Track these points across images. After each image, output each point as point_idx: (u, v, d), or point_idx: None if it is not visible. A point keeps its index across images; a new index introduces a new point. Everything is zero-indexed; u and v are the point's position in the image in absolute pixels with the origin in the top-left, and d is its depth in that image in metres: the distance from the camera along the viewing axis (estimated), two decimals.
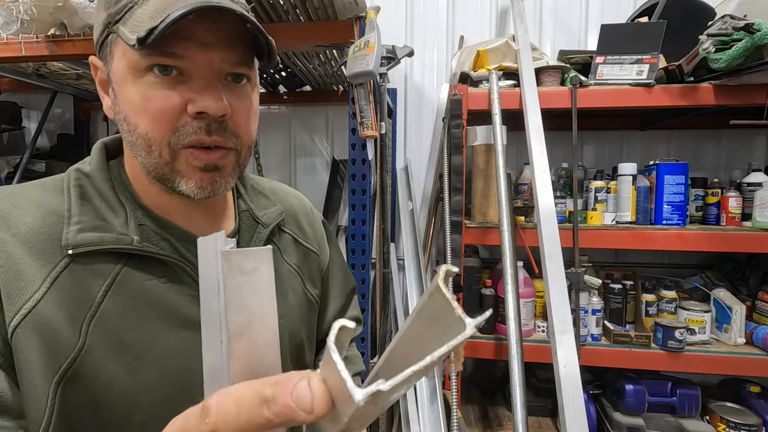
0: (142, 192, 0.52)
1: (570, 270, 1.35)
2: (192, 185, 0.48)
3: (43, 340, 0.42)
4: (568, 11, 1.91)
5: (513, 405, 1.12)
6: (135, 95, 0.45)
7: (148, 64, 0.44)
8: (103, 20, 0.47)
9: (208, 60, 0.45)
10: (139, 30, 0.42)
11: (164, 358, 0.47)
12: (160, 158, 0.47)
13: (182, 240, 0.52)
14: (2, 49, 1.37)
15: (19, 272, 0.43)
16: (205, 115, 0.46)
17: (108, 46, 0.47)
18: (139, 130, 0.46)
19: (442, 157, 1.57)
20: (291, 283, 0.64)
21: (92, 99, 2.19)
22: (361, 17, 1.23)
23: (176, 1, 0.43)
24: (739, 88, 1.31)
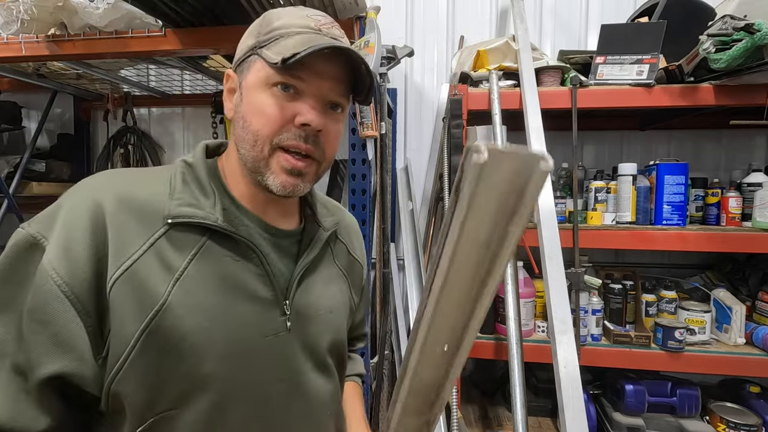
0: (232, 184, 0.63)
1: (570, 270, 1.35)
2: (278, 182, 0.59)
3: (135, 293, 0.52)
4: (568, 11, 1.91)
5: (513, 405, 1.12)
6: (259, 101, 0.58)
7: (277, 80, 0.57)
8: (250, 45, 0.60)
9: (320, 87, 0.59)
10: (284, 53, 0.54)
11: (230, 324, 0.57)
12: (260, 152, 0.58)
13: (257, 226, 0.62)
14: (2, 49, 1.37)
15: (126, 236, 0.53)
16: (306, 127, 0.58)
17: (247, 64, 0.60)
18: (252, 127, 0.58)
19: (442, 157, 1.57)
20: (339, 284, 0.73)
21: (92, 99, 2.19)
22: (361, 17, 1.23)
23: (314, 40, 0.57)
24: (739, 88, 1.31)
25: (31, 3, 1.26)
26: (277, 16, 0.60)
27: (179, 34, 1.30)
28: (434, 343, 0.30)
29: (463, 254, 0.26)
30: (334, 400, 0.71)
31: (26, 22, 1.29)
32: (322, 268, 0.70)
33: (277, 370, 0.61)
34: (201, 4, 1.20)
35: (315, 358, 0.66)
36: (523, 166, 0.22)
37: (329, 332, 0.68)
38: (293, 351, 0.63)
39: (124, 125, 2.19)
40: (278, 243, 0.65)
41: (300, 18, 0.60)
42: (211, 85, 2.06)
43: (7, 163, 2.01)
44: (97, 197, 0.55)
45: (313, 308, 0.66)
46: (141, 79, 2.01)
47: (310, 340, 0.65)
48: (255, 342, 0.59)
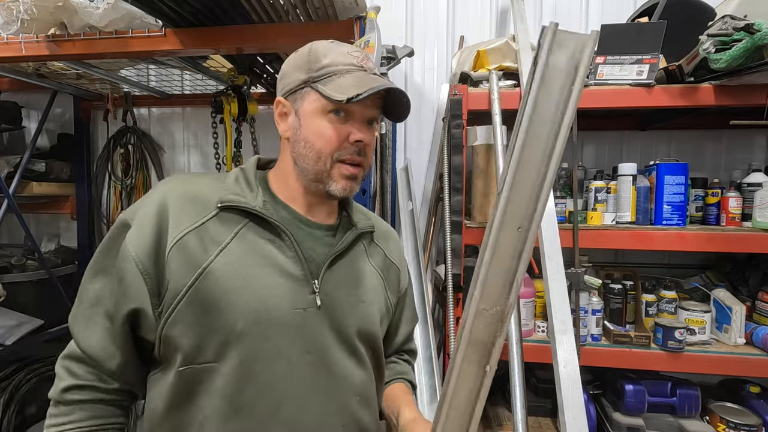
0: (278, 187, 0.79)
1: (570, 270, 1.35)
2: (339, 187, 0.73)
3: (185, 257, 0.67)
4: (568, 11, 1.91)
5: (513, 405, 1.12)
6: (318, 125, 0.72)
7: (332, 108, 0.71)
8: (302, 78, 0.73)
9: (366, 110, 0.73)
10: (348, 93, 0.67)
11: (261, 291, 0.69)
12: (324, 166, 0.72)
13: (293, 217, 0.76)
14: (2, 49, 1.37)
15: (183, 217, 0.70)
16: (360, 144, 0.73)
17: (300, 94, 0.74)
18: (316, 146, 0.72)
19: (442, 157, 1.57)
20: (373, 281, 0.82)
21: (92, 99, 2.19)
22: (362, 17, 1.23)
23: (365, 79, 0.70)
24: (739, 88, 1.31)
25: (31, 3, 1.26)
26: (323, 53, 0.73)
27: (179, 34, 1.30)
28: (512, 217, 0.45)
29: (538, 117, 0.43)
30: (365, 387, 0.78)
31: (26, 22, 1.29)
32: (357, 263, 0.80)
33: (304, 342, 0.71)
34: (201, 4, 1.20)
35: (343, 340, 0.75)
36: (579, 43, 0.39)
37: (358, 318, 0.76)
38: (321, 327, 0.72)
39: (124, 125, 2.19)
40: (312, 233, 0.77)
41: (343, 56, 0.73)
42: (211, 85, 2.06)
43: (7, 163, 2.01)
44: (166, 190, 0.73)
45: (343, 293, 0.76)
46: (141, 79, 2.01)
47: (337, 321, 0.74)
48: (284, 312, 0.69)
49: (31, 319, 1.93)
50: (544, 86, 0.43)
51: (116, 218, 0.73)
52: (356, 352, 0.76)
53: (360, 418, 0.76)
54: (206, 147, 2.21)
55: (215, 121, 1.85)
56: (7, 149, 2.24)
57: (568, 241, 1.38)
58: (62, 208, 2.20)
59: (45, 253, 2.15)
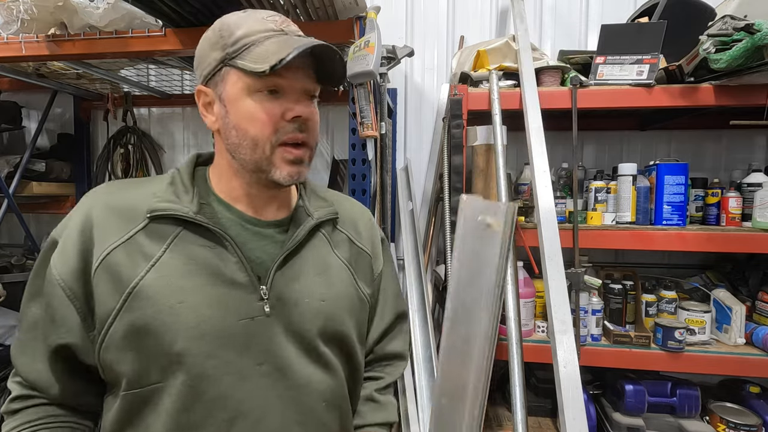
0: (218, 185, 0.71)
1: (570, 270, 1.35)
2: (284, 174, 0.66)
3: (111, 276, 0.61)
4: (569, 11, 1.91)
5: (513, 405, 1.12)
6: (248, 109, 0.63)
7: (259, 86, 0.62)
8: (218, 58, 0.64)
9: (298, 80, 0.65)
10: (269, 60, 0.59)
11: (200, 305, 0.62)
12: (263, 153, 0.64)
13: (237, 218, 0.69)
14: (2, 49, 1.37)
15: (108, 232, 0.63)
16: (298, 118, 0.65)
17: (220, 76, 0.65)
18: (249, 133, 0.64)
19: (442, 157, 1.57)
20: (339, 274, 0.75)
21: (92, 99, 2.19)
22: (362, 17, 1.23)
23: (287, 41, 0.62)
24: (739, 88, 1.31)
25: (31, 3, 1.26)
26: (236, 24, 0.64)
27: (179, 34, 1.30)
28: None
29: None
30: (333, 392, 0.72)
31: (26, 21, 1.29)
32: (316, 257, 0.73)
33: (256, 353, 0.65)
34: (201, 4, 1.20)
35: (303, 345, 0.69)
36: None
37: (319, 319, 0.70)
38: (273, 335, 0.66)
39: (124, 125, 2.19)
40: (261, 232, 0.70)
41: (260, 22, 0.64)
42: None
43: (7, 162, 2.01)
44: (89, 203, 0.66)
45: (299, 294, 0.69)
46: (141, 79, 2.01)
47: (294, 326, 0.68)
48: (229, 324, 0.63)
49: None
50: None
51: None
52: (320, 356, 0.70)
53: (328, 425, 0.71)
54: (206, 147, 2.21)
55: None
56: (7, 149, 2.24)
57: (568, 241, 1.38)
58: (62, 208, 2.20)
59: None
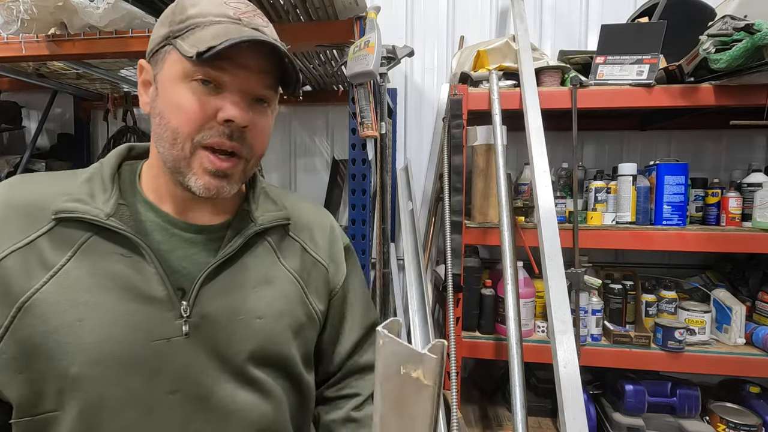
0: (147, 183, 0.61)
1: (570, 270, 1.35)
2: (200, 184, 0.56)
3: (1, 287, 0.52)
4: (569, 11, 1.91)
5: (513, 405, 1.12)
6: (177, 96, 0.55)
7: (196, 75, 0.54)
8: (163, 34, 0.56)
9: (245, 79, 0.56)
10: (199, 46, 0.51)
11: (103, 323, 0.53)
12: (181, 151, 0.55)
13: (163, 221, 0.60)
14: (2, 49, 1.36)
15: (4, 231, 0.54)
16: (230, 123, 0.55)
17: (161, 54, 0.57)
18: (171, 124, 0.55)
19: (442, 157, 1.57)
20: (284, 288, 0.65)
21: (92, 99, 2.19)
22: (362, 17, 1.23)
23: (233, 31, 0.53)
24: (739, 88, 1.31)
25: (31, 3, 1.26)
26: (191, 2, 0.56)
27: None
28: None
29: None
30: (269, 419, 0.62)
31: (26, 21, 1.29)
32: (256, 268, 0.63)
33: (170, 380, 0.55)
34: None
35: (230, 369, 0.59)
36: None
37: (252, 341, 0.60)
38: (193, 358, 0.57)
39: (124, 125, 2.19)
40: (191, 238, 0.60)
41: (217, 5, 0.56)
42: None
43: (7, 162, 2.01)
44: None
45: (229, 312, 0.59)
46: None
47: (221, 348, 0.58)
48: (137, 346, 0.54)
49: None
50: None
51: None
52: (252, 381, 0.61)
53: None
54: None
55: None
56: (7, 149, 2.24)
57: (568, 241, 1.38)
58: None
59: None
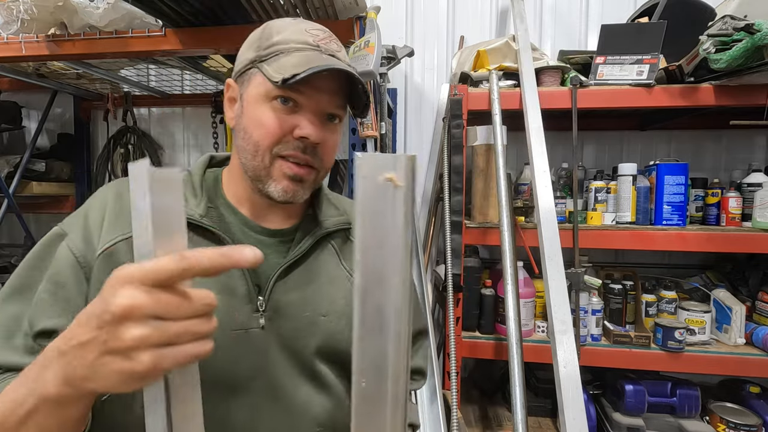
0: (230, 188, 0.69)
1: (570, 270, 1.35)
2: (279, 189, 0.63)
3: (110, 267, 0.56)
4: (569, 11, 1.91)
5: (513, 405, 1.12)
6: (260, 113, 0.61)
7: (277, 94, 0.60)
8: (250, 58, 0.64)
9: (318, 101, 0.62)
10: (284, 73, 0.58)
11: None
12: (261, 162, 0.62)
13: (242, 224, 0.67)
14: (2, 49, 1.37)
15: (116, 224, 0.61)
16: (305, 140, 0.61)
17: (248, 76, 0.64)
18: (253, 137, 0.62)
19: (442, 157, 1.57)
20: (344, 287, 0.70)
21: (92, 99, 2.19)
22: (362, 17, 1.23)
23: (314, 59, 0.60)
24: (739, 88, 1.31)
25: (31, 3, 1.26)
26: (277, 29, 0.63)
27: (179, 34, 1.30)
28: None
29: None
30: (330, 416, 0.67)
31: (26, 21, 1.29)
32: (321, 269, 0.69)
33: (246, 367, 0.61)
34: (201, 4, 1.20)
35: (299, 362, 0.65)
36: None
37: (318, 336, 0.66)
38: (267, 350, 0.63)
39: (124, 125, 2.19)
40: (264, 241, 0.67)
41: (299, 33, 0.62)
42: (211, 85, 2.06)
43: (7, 162, 2.01)
44: (105, 196, 0.65)
45: (298, 308, 0.65)
46: (141, 79, 2.01)
47: (289, 341, 0.64)
48: (221, 334, 0.58)
49: None
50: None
51: None
52: (317, 376, 0.66)
53: None
54: (206, 147, 2.20)
55: (215, 121, 1.85)
56: (7, 149, 2.24)
57: (568, 241, 1.38)
58: (62, 208, 2.20)
59: None
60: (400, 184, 0.36)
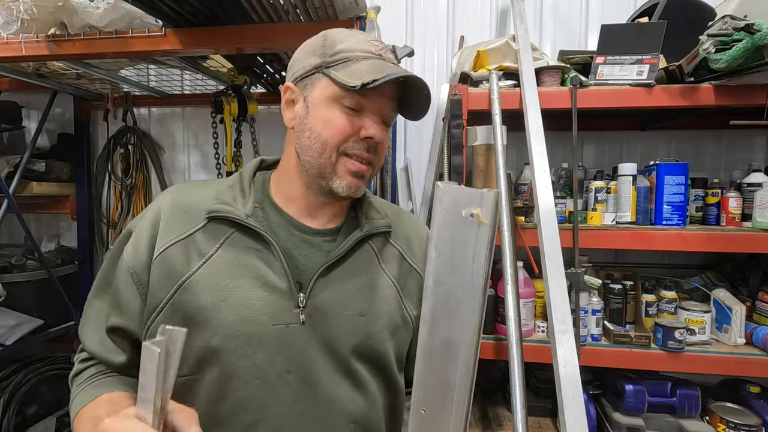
0: (277, 190, 0.74)
1: (570, 270, 1.35)
2: (344, 184, 0.67)
3: (166, 269, 0.65)
4: (569, 11, 1.91)
5: (513, 405, 1.12)
6: (327, 114, 0.66)
7: (346, 98, 0.65)
8: (314, 63, 0.67)
9: (380, 105, 0.67)
10: (362, 78, 0.62)
11: (240, 307, 0.64)
12: (328, 159, 0.66)
13: (288, 224, 0.71)
14: (2, 49, 1.36)
15: (171, 228, 0.68)
16: (370, 140, 0.67)
17: (311, 80, 0.68)
18: (322, 137, 0.66)
19: (442, 157, 1.57)
20: (383, 290, 0.73)
21: (92, 99, 2.19)
22: (362, 17, 1.23)
23: (384, 67, 0.64)
24: (739, 88, 1.31)
25: (31, 3, 1.26)
26: (339, 38, 0.68)
27: (179, 34, 1.30)
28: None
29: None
30: (363, 414, 0.69)
31: (26, 22, 1.29)
32: (361, 270, 0.71)
33: (286, 361, 0.65)
34: (201, 4, 1.20)
35: (336, 359, 0.67)
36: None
37: (355, 335, 0.68)
38: (306, 345, 0.66)
39: (124, 125, 2.19)
40: (309, 239, 0.71)
41: (361, 43, 0.67)
42: (211, 84, 2.06)
43: (7, 162, 2.00)
44: (162, 200, 0.72)
45: (337, 307, 0.68)
46: (141, 79, 2.01)
47: (328, 338, 0.67)
48: (263, 328, 0.64)
49: (31, 319, 1.93)
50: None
51: (116, 219, 0.74)
52: (352, 374, 0.68)
53: None
54: (206, 147, 2.21)
55: (215, 121, 1.84)
56: (7, 149, 2.24)
57: (568, 241, 1.38)
58: (62, 208, 2.20)
59: (45, 253, 2.15)
60: (485, 221, 0.35)
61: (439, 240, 0.38)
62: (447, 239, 0.37)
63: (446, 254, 0.38)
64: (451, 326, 0.38)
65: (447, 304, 0.38)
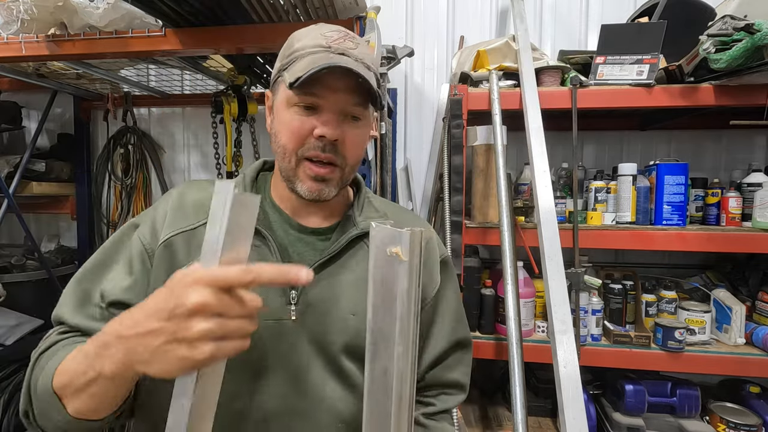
0: (275, 190, 0.75)
1: (570, 270, 1.35)
2: (304, 188, 0.67)
3: (168, 258, 0.67)
4: (569, 11, 1.91)
5: (513, 405, 1.12)
6: (284, 118, 0.67)
7: (296, 99, 0.64)
8: (277, 67, 0.69)
9: (334, 101, 0.65)
10: (297, 74, 0.61)
11: None
12: (289, 163, 0.67)
13: (284, 222, 0.73)
14: (2, 49, 1.36)
15: (177, 220, 0.69)
16: (323, 138, 0.64)
17: (277, 85, 0.69)
18: (281, 141, 0.67)
19: (442, 157, 1.57)
20: None
21: (92, 99, 2.19)
22: (362, 17, 1.23)
23: (319, 60, 0.62)
24: (739, 88, 1.31)
25: (31, 3, 1.26)
26: (298, 37, 0.67)
27: (179, 34, 1.30)
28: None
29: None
30: (353, 415, 0.67)
31: (26, 22, 1.29)
32: (355, 269, 0.71)
33: (275, 355, 0.65)
34: (201, 4, 1.20)
35: (326, 357, 0.67)
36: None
37: (346, 334, 0.67)
38: (297, 342, 0.66)
39: (124, 125, 2.19)
40: (303, 237, 0.72)
41: (315, 38, 0.66)
42: (211, 85, 2.06)
43: (7, 162, 2.00)
44: (174, 192, 0.74)
45: (329, 304, 0.68)
46: (141, 79, 2.01)
47: (318, 336, 0.67)
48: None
49: (31, 319, 1.93)
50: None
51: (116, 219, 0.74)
52: (342, 372, 0.67)
53: None
54: (206, 147, 2.21)
55: (215, 121, 1.84)
56: (7, 149, 2.24)
57: (568, 241, 1.38)
58: (62, 208, 2.20)
59: (45, 253, 2.15)
60: (404, 259, 0.38)
61: (374, 277, 0.42)
62: (378, 277, 0.41)
63: (378, 289, 0.41)
64: (387, 358, 0.42)
65: (382, 336, 0.42)
